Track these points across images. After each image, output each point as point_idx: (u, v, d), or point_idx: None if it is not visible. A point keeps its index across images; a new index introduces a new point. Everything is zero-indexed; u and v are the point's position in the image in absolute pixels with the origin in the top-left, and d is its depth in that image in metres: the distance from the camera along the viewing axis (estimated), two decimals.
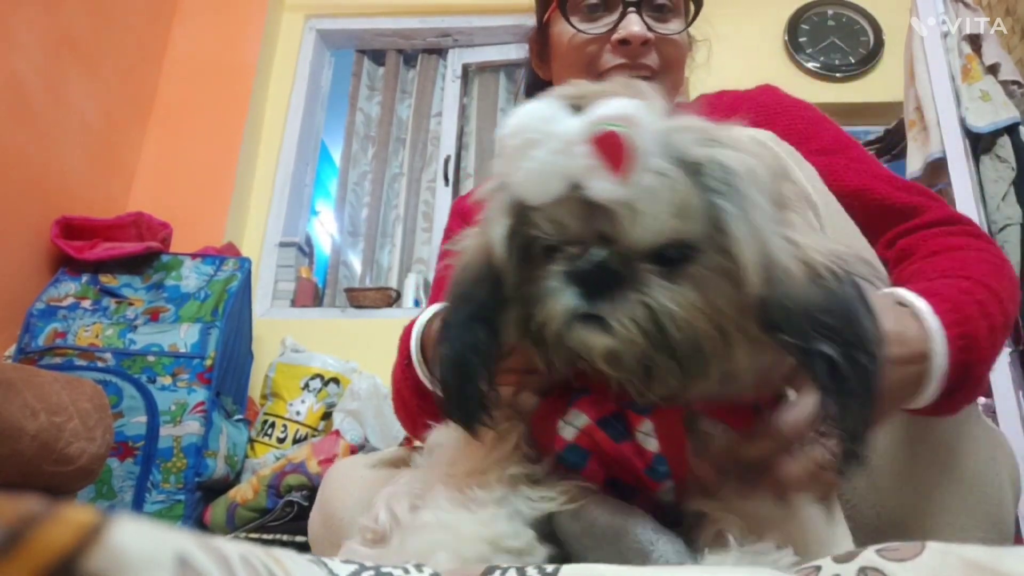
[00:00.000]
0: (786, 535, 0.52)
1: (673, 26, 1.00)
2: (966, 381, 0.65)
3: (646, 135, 0.46)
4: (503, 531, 0.53)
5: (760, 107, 0.98)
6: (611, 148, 0.46)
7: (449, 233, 1.07)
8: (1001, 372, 1.79)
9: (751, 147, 0.50)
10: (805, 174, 0.78)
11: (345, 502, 0.83)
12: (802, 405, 0.53)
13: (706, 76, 1.17)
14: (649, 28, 0.96)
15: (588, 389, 0.56)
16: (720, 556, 0.50)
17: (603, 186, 0.46)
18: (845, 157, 0.91)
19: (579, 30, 0.98)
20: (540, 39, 1.09)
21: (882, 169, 0.93)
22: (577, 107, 0.49)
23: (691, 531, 0.55)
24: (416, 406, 0.87)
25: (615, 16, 0.97)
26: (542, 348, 0.52)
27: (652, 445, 0.54)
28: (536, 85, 1.13)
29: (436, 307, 0.81)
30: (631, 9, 0.96)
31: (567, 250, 0.50)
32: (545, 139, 0.47)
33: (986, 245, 0.82)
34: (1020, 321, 1.92)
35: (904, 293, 0.68)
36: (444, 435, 0.64)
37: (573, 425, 0.56)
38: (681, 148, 0.47)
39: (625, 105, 0.47)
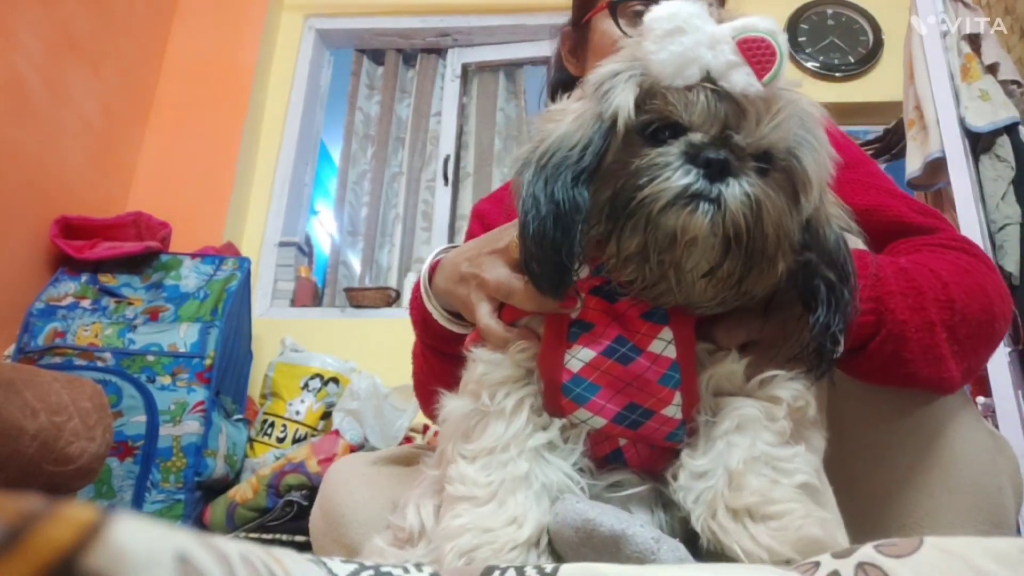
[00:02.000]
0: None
1: None
2: (881, 346, 0.71)
3: (786, 51, 0.55)
4: (534, 532, 0.57)
5: None
6: (760, 52, 0.54)
7: (470, 236, 1.08)
8: (1001, 372, 1.79)
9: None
10: None
11: (346, 499, 0.84)
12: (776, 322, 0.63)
13: None
14: None
15: (588, 324, 0.61)
16: (740, 443, 0.58)
17: (746, 81, 0.53)
18: (864, 174, 0.94)
19: (626, 34, 0.99)
20: (576, 36, 1.11)
21: (899, 190, 0.95)
22: (716, 20, 0.56)
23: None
24: (430, 368, 0.89)
25: None
26: (624, 225, 0.56)
27: (671, 352, 0.59)
28: (563, 80, 1.14)
29: (441, 249, 0.84)
30: None
31: (690, 135, 0.55)
32: (693, 31, 0.54)
33: (969, 258, 0.82)
34: (1019, 321, 1.92)
35: None
36: (455, 405, 0.66)
37: (578, 359, 0.60)
38: (792, 90, 0.57)
39: (772, 23, 0.55)
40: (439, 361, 0.87)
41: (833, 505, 0.65)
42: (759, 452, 0.57)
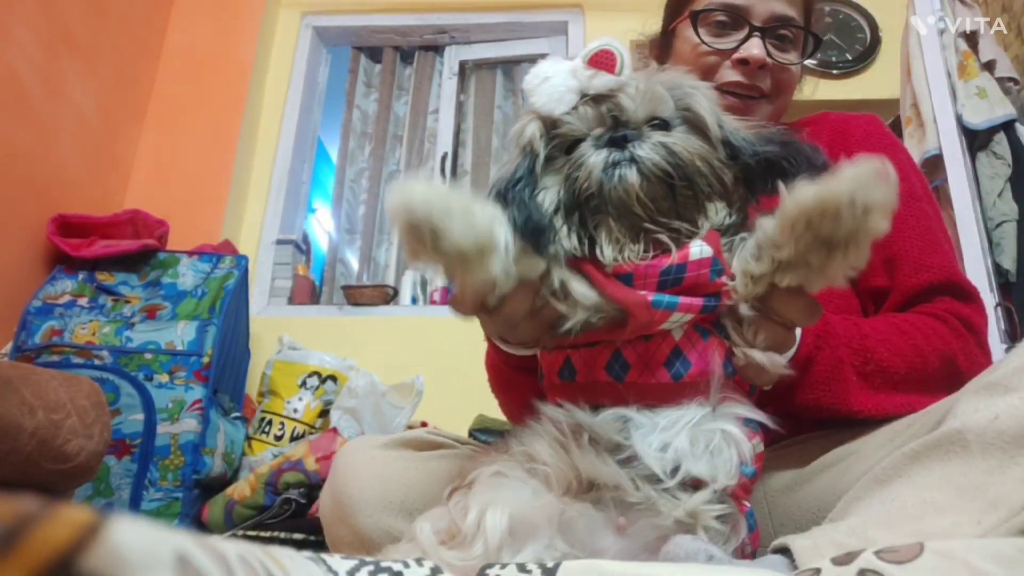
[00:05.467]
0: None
1: (790, 57, 1.06)
2: (809, 374, 0.79)
3: (624, 49, 0.70)
4: None
5: (865, 135, 1.09)
6: (605, 58, 0.69)
7: None
8: None
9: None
10: None
11: (355, 481, 0.85)
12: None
13: None
14: (769, 54, 1.03)
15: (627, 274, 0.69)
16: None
17: (604, 80, 0.69)
18: (915, 206, 0.99)
19: (705, 43, 1.05)
20: (662, 45, 1.16)
21: (939, 234, 1.00)
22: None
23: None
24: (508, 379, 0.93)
25: (740, 36, 1.04)
26: (587, 213, 0.68)
27: (707, 252, 0.67)
28: None
29: None
30: (756, 33, 1.03)
31: (592, 135, 0.70)
32: (555, 73, 0.70)
33: (937, 324, 0.88)
34: (1017, 318, 1.93)
35: None
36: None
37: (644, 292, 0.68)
38: (650, 73, 0.73)
39: (605, 38, 0.70)
40: (511, 373, 0.88)
41: None
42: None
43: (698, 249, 0.66)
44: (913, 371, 0.83)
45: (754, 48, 1.02)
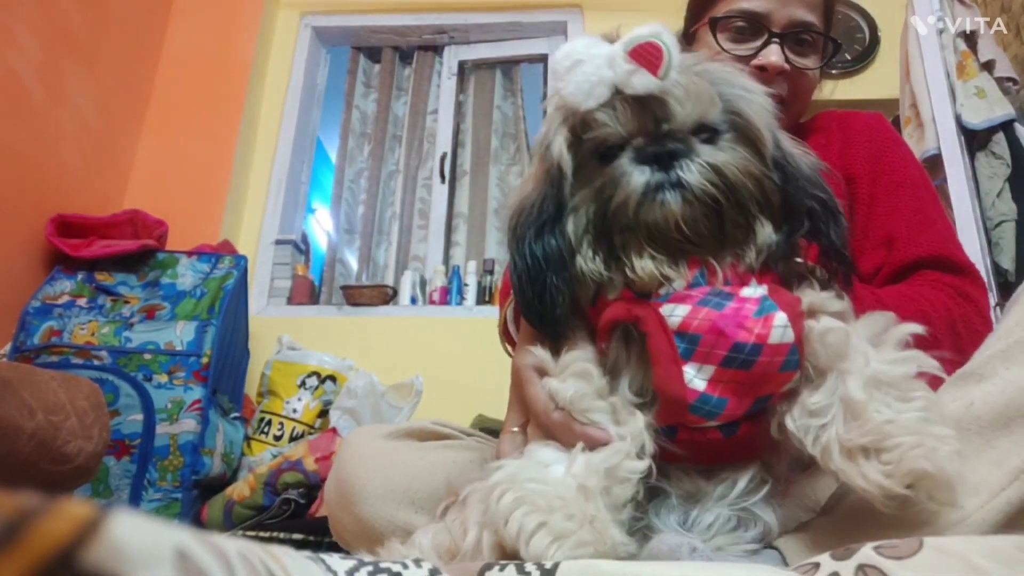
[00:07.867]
0: None
1: (809, 62, 1.06)
2: None
3: (673, 44, 0.61)
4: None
5: (867, 128, 1.09)
6: (649, 54, 0.61)
7: None
8: None
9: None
10: None
11: (359, 470, 0.86)
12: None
13: None
14: (787, 60, 1.02)
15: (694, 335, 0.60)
16: (851, 368, 0.60)
17: (644, 81, 0.60)
18: (910, 192, 1.00)
19: (724, 49, 1.04)
20: (683, 44, 1.16)
21: (933, 215, 1.00)
22: (609, 41, 0.64)
23: None
24: None
25: (759, 43, 1.03)
26: (615, 236, 0.62)
27: (789, 336, 0.59)
28: None
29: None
30: (775, 40, 1.02)
31: (632, 142, 0.63)
32: (589, 58, 0.62)
33: (939, 294, 0.88)
34: None
35: None
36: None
37: (700, 377, 0.59)
38: (697, 65, 0.65)
39: (654, 26, 0.62)
40: None
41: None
42: (872, 372, 0.57)
43: (781, 330, 0.58)
44: (922, 339, 0.83)
45: (772, 55, 1.02)
